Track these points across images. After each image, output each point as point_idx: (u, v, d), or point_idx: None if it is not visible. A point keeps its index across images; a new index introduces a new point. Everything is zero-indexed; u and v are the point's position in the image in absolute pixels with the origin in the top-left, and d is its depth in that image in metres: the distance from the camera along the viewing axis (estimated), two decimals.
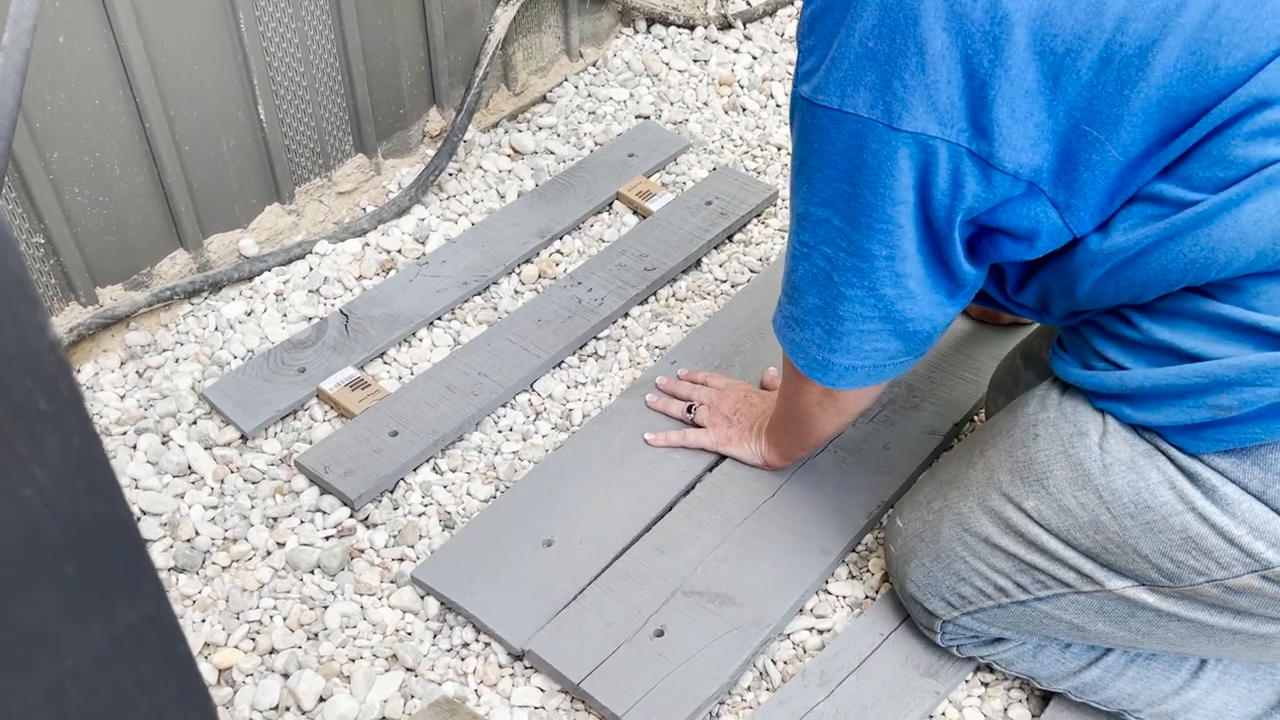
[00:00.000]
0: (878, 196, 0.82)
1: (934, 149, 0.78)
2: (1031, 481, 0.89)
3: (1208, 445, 0.79)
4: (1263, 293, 0.76)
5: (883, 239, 0.84)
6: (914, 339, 0.91)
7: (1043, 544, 0.89)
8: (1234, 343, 0.77)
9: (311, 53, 1.46)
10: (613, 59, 1.90)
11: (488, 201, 1.64)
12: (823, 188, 0.85)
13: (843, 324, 0.90)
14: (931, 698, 1.06)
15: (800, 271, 0.91)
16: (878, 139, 0.79)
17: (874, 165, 0.80)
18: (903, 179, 0.80)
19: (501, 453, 1.30)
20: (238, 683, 1.09)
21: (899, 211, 0.82)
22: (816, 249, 0.88)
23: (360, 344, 1.39)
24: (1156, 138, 0.77)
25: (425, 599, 1.15)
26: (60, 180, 1.27)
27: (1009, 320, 1.38)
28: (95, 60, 1.24)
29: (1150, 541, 0.82)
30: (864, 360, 0.92)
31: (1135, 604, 0.86)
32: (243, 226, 1.51)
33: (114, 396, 1.34)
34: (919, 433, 1.28)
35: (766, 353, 1.38)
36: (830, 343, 0.92)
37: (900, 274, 0.86)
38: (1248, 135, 0.74)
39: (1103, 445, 0.85)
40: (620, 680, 1.05)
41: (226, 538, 1.21)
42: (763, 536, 1.18)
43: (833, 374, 0.94)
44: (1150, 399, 0.81)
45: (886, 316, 0.89)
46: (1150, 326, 0.82)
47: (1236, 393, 0.76)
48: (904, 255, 0.85)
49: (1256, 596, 0.80)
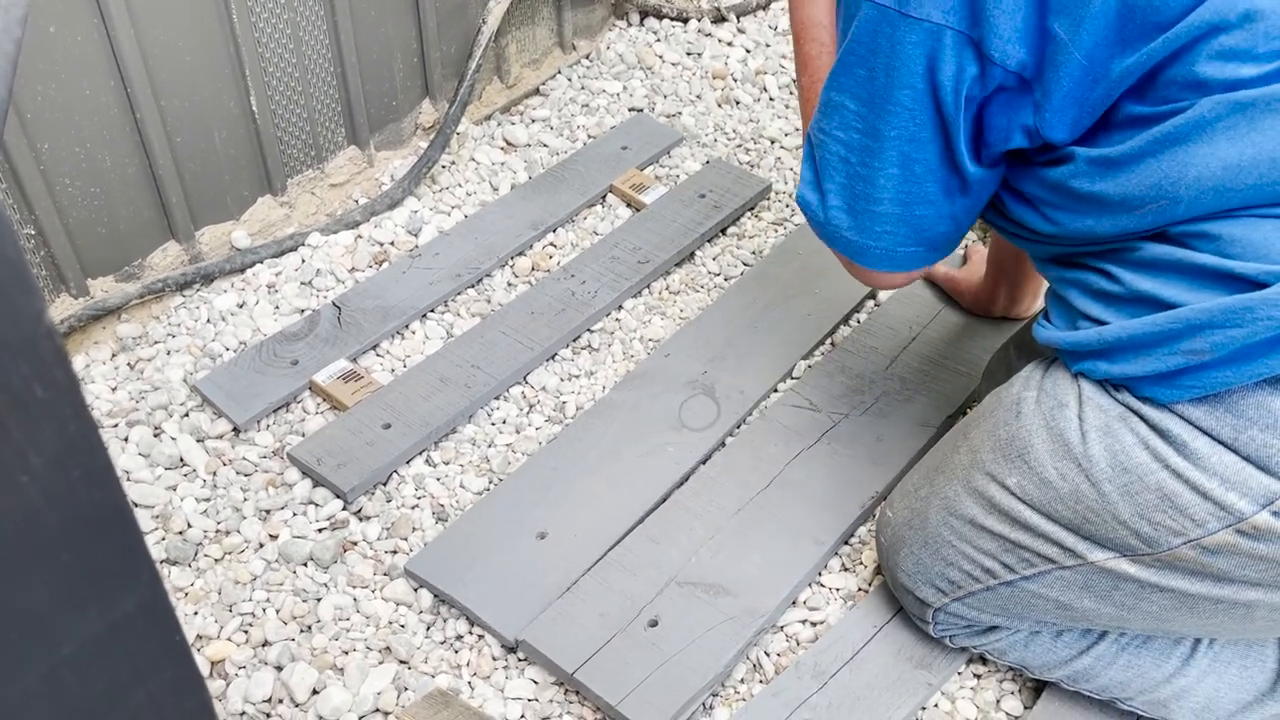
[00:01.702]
0: (890, 80, 0.89)
1: (940, 35, 0.85)
2: (1013, 457, 0.91)
3: (1181, 393, 0.81)
4: (1237, 239, 0.79)
5: (894, 120, 0.90)
6: (923, 232, 0.97)
7: (1026, 520, 0.91)
8: (1211, 290, 0.79)
9: (304, 44, 1.45)
10: (606, 51, 1.90)
11: (481, 194, 1.63)
12: (845, 74, 0.92)
13: (858, 203, 0.96)
14: (924, 689, 1.06)
15: (820, 155, 0.98)
16: (890, 24, 0.87)
17: (887, 49, 0.88)
18: (913, 65, 0.87)
19: (495, 445, 1.30)
20: (230, 675, 1.09)
21: (909, 96, 0.89)
22: (832, 134, 0.95)
23: (353, 336, 1.39)
24: (1116, 43, 0.81)
25: (419, 591, 1.15)
26: (51, 171, 1.27)
27: (1000, 312, 1.39)
28: (86, 50, 1.23)
29: (1128, 505, 0.84)
30: (877, 242, 0.98)
31: (1118, 576, 0.88)
32: (235, 218, 1.50)
33: (105, 389, 1.34)
34: (912, 424, 1.28)
35: (760, 345, 1.38)
36: (849, 221, 0.98)
37: (910, 158, 0.92)
38: (1209, 57, 0.78)
39: (1081, 415, 0.87)
40: (614, 670, 1.05)
41: (219, 530, 1.20)
42: (756, 527, 1.18)
43: (853, 249, 1.00)
44: (1127, 350, 0.83)
45: (896, 199, 0.94)
46: (1132, 278, 0.85)
47: (1208, 335, 0.78)
48: (913, 139, 0.91)
49: (1233, 556, 0.81)
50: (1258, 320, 0.76)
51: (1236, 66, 0.78)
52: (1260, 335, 0.76)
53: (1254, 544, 0.79)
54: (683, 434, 1.28)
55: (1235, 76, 0.78)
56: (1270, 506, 0.78)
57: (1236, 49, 0.78)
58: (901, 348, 1.37)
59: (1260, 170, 0.78)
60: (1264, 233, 0.78)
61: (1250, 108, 0.78)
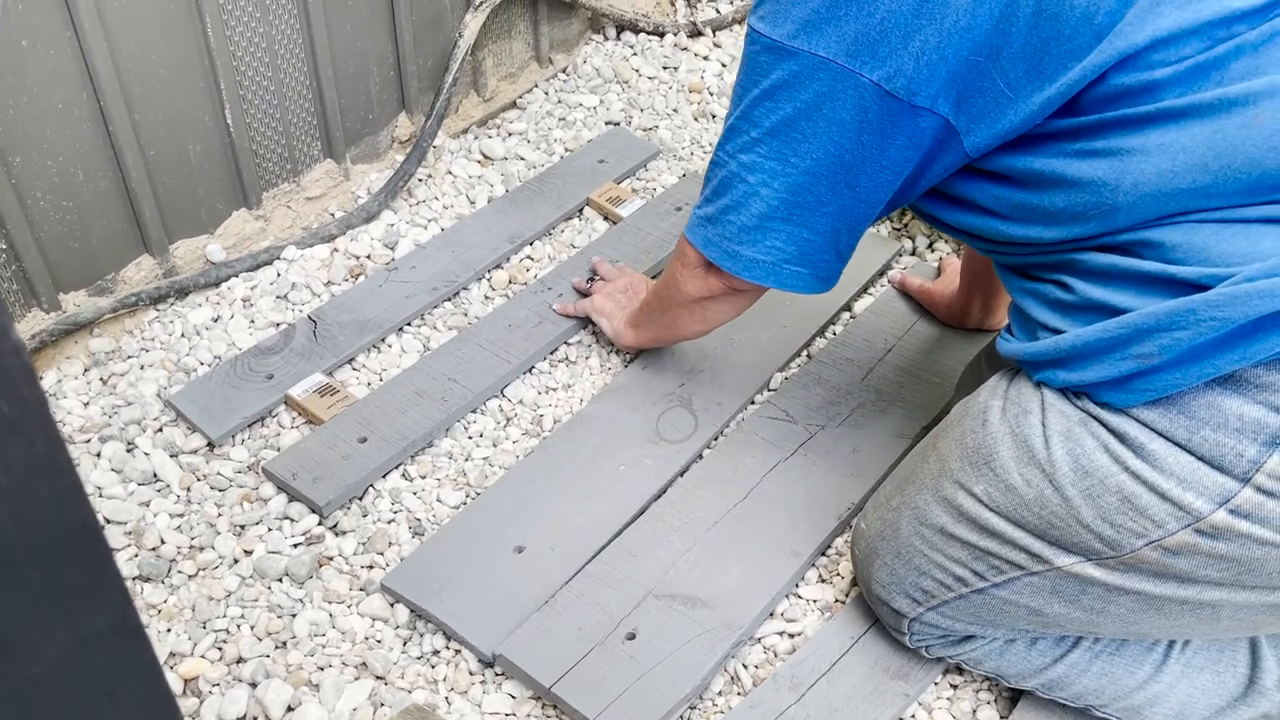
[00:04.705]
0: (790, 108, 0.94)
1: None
2: (980, 465, 0.92)
3: (1135, 397, 0.83)
4: (1178, 244, 0.81)
5: (798, 150, 0.95)
6: (809, 252, 1.01)
7: (993, 527, 0.92)
8: (1156, 295, 0.82)
9: (279, 58, 1.45)
10: (583, 65, 1.91)
11: (458, 207, 1.63)
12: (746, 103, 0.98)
13: (753, 220, 1.01)
14: (901, 700, 1.06)
15: (720, 177, 1.02)
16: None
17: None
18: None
19: (472, 459, 1.29)
20: (204, 693, 1.08)
21: (814, 127, 0.93)
22: (735, 156, 0.99)
23: (329, 350, 1.38)
24: (1035, 76, 0.85)
25: (395, 606, 1.14)
26: (23, 185, 1.26)
27: (974, 324, 1.40)
28: (59, 64, 1.22)
29: (1091, 509, 0.85)
30: (767, 256, 1.02)
31: (1084, 580, 0.89)
32: (209, 232, 1.49)
33: (77, 404, 1.33)
34: (887, 436, 1.29)
35: (737, 357, 1.39)
36: (740, 236, 1.02)
37: (807, 180, 0.96)
38: (1126, 72, 0.82)
39: (1044, 421, 0.88)
40: (591, 684, 1.05)
41: (193, 546, 1.19)
42: (734, 539, 1.18)
43: (740, 263, 1.04)
44: (1082, 358, 0.85)
45: (787, 219, 0.99)
46: (1084, 288, 0.87)
47: (1155, 339, 0.80)
48: (813, 168, 0.95)
49: (1194, 556, 0.82)
50: (1200, 322, 0.78)
51: (1150, 73, 0.81)
52: (1204, 336, 0.78)
53: (1213, 543, 0.81)
54: (660, 446, 1.28)
55: (1152, 79, 0.81)
56: (1226, 505, 0.79)
57: (1153, 65, 0.81)
58: (877, 359, 1.38)
59: (1192, 175, 0.80)
60: (1203, 237, 0.80)
61: (1181, 116, 0.80)
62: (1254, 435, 0.78)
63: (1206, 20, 0.80)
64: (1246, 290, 0.76)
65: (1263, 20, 0.80)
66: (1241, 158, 0.79)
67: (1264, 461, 0.78)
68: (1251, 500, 0.78)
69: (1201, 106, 0.80)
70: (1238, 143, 0.79)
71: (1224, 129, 0.79)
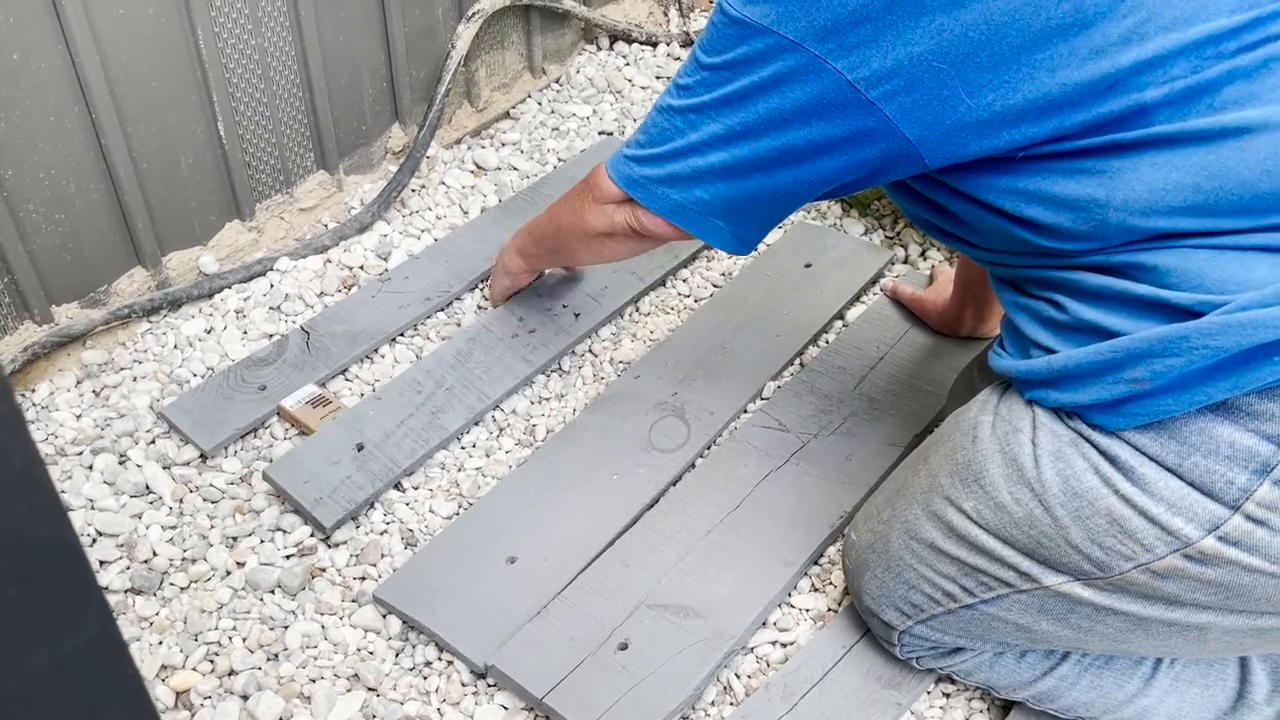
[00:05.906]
0: (737, 76, 0.93)
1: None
2: (970, 482, 0.92)
3: (1127, 420, 0.82)
4: (1172, 269, 0.81)
5: (748, 125, 0.94)
6: (734, 214, 1.00)
7: (982, 545, 0.92)
8: (1150, 320, 0.81)
9: (272, 69, 1.45)
10: (576, 75, 1.91)
11: (451, 217, 1.63)
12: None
13: (686, 171, 0.99)
14: (894, 710, 1.06)
15: (661, 126, 1.00)
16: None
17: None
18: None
19: (464, 469, 1.29)
20: (196, 706, 1.07)
21: (759, 95, 0.92)
22: (682, 114, 0.98)
23: (322, 361, 1.38)
24: (1020, 122, 0.84)
25: (387, 618, 1.14)
26: (14, 197, 1.26)
27: (967, 332, 1.40)
28: (51, 77, 1.23)
29: (1080, 530, 0.85)
30: (694, 206, 1.01)
31: (1072, 599, 0.88)
32: (202, 243, 1.50)
33: (70, 416, 1.33)
34: (880, 444, 1.29)
35: (730, 366, 1.39)
36: (671, 181, 1.01)
37: (750, 155, 0.95)
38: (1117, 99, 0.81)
39: (1035, 440, 0.88)
40: (584, 695, 1.05)
41: (185, 558, 1.19)
42: (726, 549, 1.18)
43: (665, 204, 1.03)
44: (1074, 379, 0.85)
45: (721, 180, 0.98)
46: (1078, 308, 0.86)
47: (1148, 364, 0.79)
48: (758, 146, 0.94)
49: (1182, 580, 0.82)
50: (1193, 349, 0.77)
51: (1140, 95, 0.80)
52: (1197, 364, 0.77)
53: (1201, 569, 0.80)
54: (653, 456, 1.28)
55: (1142, 101, 0.80)
56: (1215, 531, 0.79)
57: (1143, 86, 0.81)
58: (869, 368, 1.38)
59: (1184, 194, 0.80)
60: (1197, 262, 0.80)
61: (1174, 142, 0.80)
62: (1245, 463, 0.77)
63: (1193, 40, 0.79)
64: (1240, 320, 0.75)
65: (1247, 35, 0.79)
66: (1234, 179, 0.78)
67: (1254, 490, 0.77)
68: (1241, 528, 0.78)
69: (1194, 133, 0.79)
70: (1231, 165, 0.78)
71: (1217, 151, 0.79)
